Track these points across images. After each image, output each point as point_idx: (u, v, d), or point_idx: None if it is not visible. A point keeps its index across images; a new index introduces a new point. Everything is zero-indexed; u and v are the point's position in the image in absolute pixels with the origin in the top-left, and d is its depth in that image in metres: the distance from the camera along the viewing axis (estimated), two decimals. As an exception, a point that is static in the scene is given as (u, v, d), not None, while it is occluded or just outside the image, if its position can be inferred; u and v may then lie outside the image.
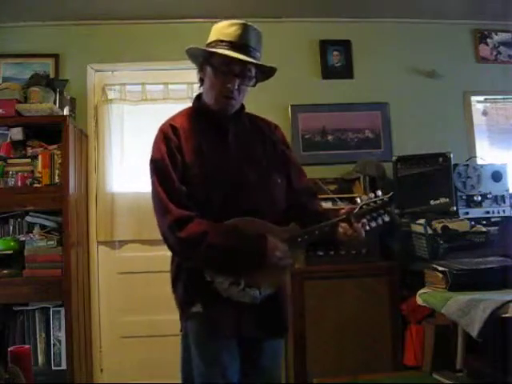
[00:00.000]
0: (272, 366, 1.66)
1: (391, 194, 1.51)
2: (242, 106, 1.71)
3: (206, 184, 1.54)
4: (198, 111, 1.68)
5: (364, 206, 1.49)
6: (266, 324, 1.57)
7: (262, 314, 1.55)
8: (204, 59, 1.62)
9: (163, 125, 1.65)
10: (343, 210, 1.53)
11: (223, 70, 1.58)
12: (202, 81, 1.67)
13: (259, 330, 1.56)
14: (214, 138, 1.62)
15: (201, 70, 1.66)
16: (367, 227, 1.48)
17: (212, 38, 1.62)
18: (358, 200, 1.50)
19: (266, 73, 1.69)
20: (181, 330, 1.63)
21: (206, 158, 1.57)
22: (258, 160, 1.64)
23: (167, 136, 1.59)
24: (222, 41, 1.58)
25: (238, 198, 1.55)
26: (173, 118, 1.68)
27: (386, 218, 1.49)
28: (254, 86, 1.68)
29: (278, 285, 1.58)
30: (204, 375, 1.53)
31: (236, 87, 1.59)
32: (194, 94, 1.76)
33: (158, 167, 1.56)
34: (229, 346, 1.53)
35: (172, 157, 1.55)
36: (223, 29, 1.60)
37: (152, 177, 1.58)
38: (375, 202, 1.49)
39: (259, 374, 1.62)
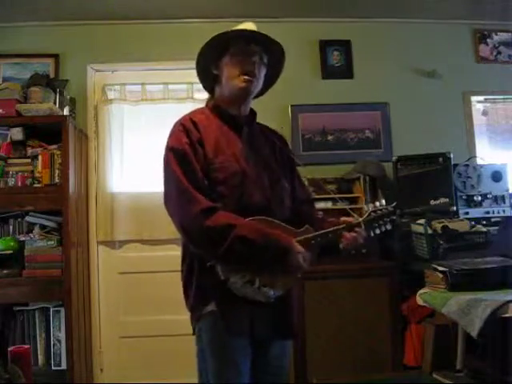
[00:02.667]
0: (280, 366, 1.67)
1: (395, 203, 1.62)
2: (255, 112, 1.76)
3: (225, 180, 1.54)
4: (214, 110, 1.69)
5: (372, 214, 1.58)
6: (278, 325, 1.58)
7: (275, 314, 1.57)
8: (220, 52, 1.64)
9: (182, 119, 1.63)
10: (350, 218, 1.60)
11: (242, 50, 1.61)
12: (216, 79, 1.68)
13: (272, 330, 1.57)
14: (230, 137, 1.63)
15: (215, 67, 1.67)
16: (372, 234, 1.58)
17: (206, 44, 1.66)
18: (365, 207, 1.62)
19: (273, 66, 1.76)
20: (193, 333, 1.61)
21: (225, 155, 1.58)
22: (269, 163, 1.67)
23: (188, 129, 1.58)
24: (232, 31, 1.63)
25: (253, 197, 1.56)
26: (191, 114, 1.66)
27: (389, 227, 1.59)
28: (263, 90, 1.80)
29: (291, 286, 1.61)
30: (219, 375, 1.52)
31: (256, 64, 1.63)
32: (195, 94, 1.75)
33: (179, 156, 1.53)
34: (243, 345, 1.53)
35: (194, 148, 1.54)
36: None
37: (170, 165, 1.54)
38: (381, 210, 1.59)
39: (267, 374, 1.63)
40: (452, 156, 3.12)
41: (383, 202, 1.61)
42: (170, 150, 1.56)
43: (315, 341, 2.98)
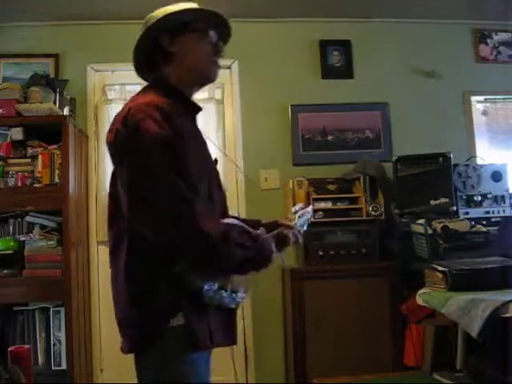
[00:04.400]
0: None
1: (311, 206, 1.71)
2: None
3: (201, 181, 1.36)
4: (174, 95, 1.41)
5: (300, 216, 1.58)
6: (229, 332, 1.44)
7: (227, 321, 1.42)
8: (181, 27, 1.43)
9: (155, 102, 1.32)
10: (283, 220, 1.55)
11: (218, 31, 1.46)
12: (168, 58, 1.44)
13: (225, 338, 1.41)
14: (195, 128, 1.45)
15: (171, 44, 1.43)
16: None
17: (162, 13, 1.43)
18: (293, 209, 1.62)
19: None
20: (139, 352, 1.36)
21: (198, 155, 1.38)
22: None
23: (170, 116, 1.29)
24: (209, 10, 1.44)
25: (217, 199, 1.44)
26: (155, 98, 1.35)
27: (305, 228, 1.61)
28: None
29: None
30: None
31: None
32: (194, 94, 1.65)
33: (164, 144, 1.23)
34: (207, 356, 1.38)
35: (180, 141, 1.28)
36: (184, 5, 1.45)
37: (152, 159, 1.23)
38: (303, 213, 1.61)
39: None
40: (452, 156, 3.12)
41: (300, 205, 1.67)
42: (154, 139, 1.23)
43: (315, 341, 2.98)
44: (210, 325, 1.34)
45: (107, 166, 3.38)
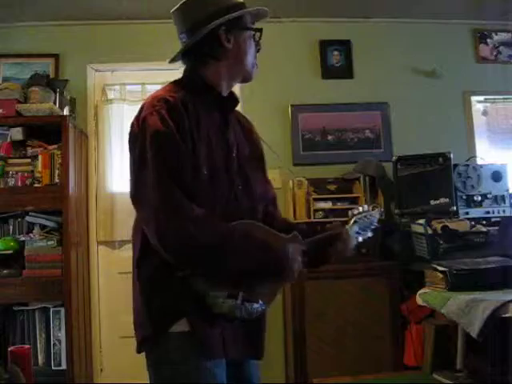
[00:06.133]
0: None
1: (380, 209, 1.51)
2: (236, 96, 1.46)
3: (213, 180, 1.29)
4: (202, 89, 1.35)
5: (357, 220, 1.42)
6: (251, 345, 1.39)
7: (248, 333, 1.36)
8: (235, 22, 1.36)
9: (164, 95, 1.28)
10: (336, 223, 1.44)
11: (255, 35, 1.43)
12: (219, 53, 1.36)
13: (246, 351, 1.37)
14: (219, 125, 1.37)
15: (228, 40, 1.35)
16: (356, 241, 1.42)
17: (220, 4, 1.35)
18: (349, 213, 1.45)
19: None
20: (139, 351, 1.35)
21: (214, 150, 1.31)
22: (249, 159, 1.45)
23: (177, 110, 1.25)
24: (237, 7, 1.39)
25: (241, 201, 1.35)
26: (172, 91, 1.31)
27: (370, 234, 1.46)
28: None
29: (275, 298, 1.38)
30: None
31: None
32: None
33: (164, 143, 1.21)
34: (219, 366, 1.29)
35: (184, 137, 1.23)
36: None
37: (149, 155, 1.21)
38: (366, 216, 1.45)
39: None
40: (452, 156, 3.12)
41: (366, 207, 1.47)
42: (154, 133, 1.21)
43: (315, 341, 2.98)
44: (224, 334, 1.29)
45: (107, 166, 3.39)
